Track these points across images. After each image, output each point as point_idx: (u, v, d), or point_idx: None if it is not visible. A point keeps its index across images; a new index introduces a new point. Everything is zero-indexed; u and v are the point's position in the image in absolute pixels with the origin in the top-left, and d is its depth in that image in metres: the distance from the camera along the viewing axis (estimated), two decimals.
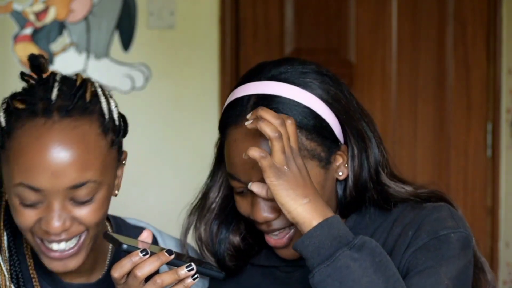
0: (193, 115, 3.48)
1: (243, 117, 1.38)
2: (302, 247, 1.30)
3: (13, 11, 3.42)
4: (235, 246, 1.54)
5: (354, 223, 1.45)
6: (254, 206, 1.40)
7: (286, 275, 1.50)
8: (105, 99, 1.39)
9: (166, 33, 3.48)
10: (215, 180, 1.53)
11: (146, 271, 1.28)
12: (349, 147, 1.44)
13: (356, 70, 3.54)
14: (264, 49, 3.52)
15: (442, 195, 1.50)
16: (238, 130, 1.40)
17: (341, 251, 1.28)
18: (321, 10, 3.53)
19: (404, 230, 1.41)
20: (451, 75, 3.55)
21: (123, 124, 1.44)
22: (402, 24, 3.53)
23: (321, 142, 1.40)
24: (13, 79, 3.45)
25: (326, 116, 1.41)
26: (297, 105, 1.40)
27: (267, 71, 1.44)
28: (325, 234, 1.29)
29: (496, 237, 3.52)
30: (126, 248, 1.29)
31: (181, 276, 1.29)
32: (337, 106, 1.43)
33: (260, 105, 1.38)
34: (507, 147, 3.52)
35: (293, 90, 1.41)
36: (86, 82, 1.39)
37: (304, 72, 1.44)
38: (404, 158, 3.54)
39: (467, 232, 1.41)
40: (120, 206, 3.71)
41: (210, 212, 1.53)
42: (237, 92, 1.45)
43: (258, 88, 1.42)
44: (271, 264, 1.51)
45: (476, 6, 3.53)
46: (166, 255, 1.29)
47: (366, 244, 1.29)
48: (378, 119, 3.82)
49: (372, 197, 1.45)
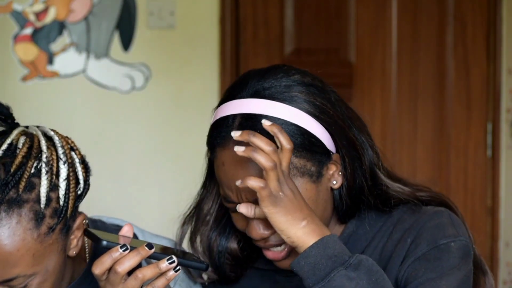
0: (193, 115, 3.48)
1: (229, 139, 1.37)
2: (298, 267, 1.30)
3: (13, 11, 3.42)
4: (234, 255, 1.53)
5: (353, 229, 1.45)
6: (250, 225, 1.39)
7: (285, 279, 1.49)
8: (47, 179, 1.31)
9: (166, 33, 3.48)
10: (208, 191, 1.52)
11: (127, 267, 1.27)
12: (341, 155, 1.42)
13: (356, 70, 3.54)
14: (264, 49, 3.52)
15: (442, 198, 1.49)
16: (226, 153, 1.38)
17: (336, 271, 1.27)
18: (321, 10, 3.53)
19: (403, 236, 1.40)
20: (451, 75, 3.55)
21: (84, 184, 1.37)
22: (402, 24, 3.53)
23: (310, 158, 1.38)
24: (13, 79, 3.46)
25: (314, 130, 1.39)
26: (283, 123, 1.37)
27: (250, 87, 1.41)
28: (321, 254, 1.29)
29: (496, 237, 3.52)
30: (105, 244, 1.28)
31: (162, 269, 1.28)
32: (325, 117, 1.40)
33: (245, 125, 1.36)
34: (507, 147, 3.52)
35: (278, 107, 1.38)
36: (24, 164, 1.30)
37: (289, 85, 1.40)
38: (404, 158, 3.54)
39: (467, 240, 1.39)
40: (120, 206, 3.74)
41: (204, 225, 1.52)
42: (221, 110, 1.42)
43: (242, 107, 1.39)
44: (271, 267, 1.50)
45: (476, 6, 3.53)
46: (146, 249, 1.28)
47: (363, 262, 1.29)
48: (378, 119, 3.85)
49: (369, 200, 1.43)
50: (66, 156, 1.35)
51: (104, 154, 3.48)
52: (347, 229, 1.44)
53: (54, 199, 1.32)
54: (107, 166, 3.48)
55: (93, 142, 3.46)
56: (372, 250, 1.43)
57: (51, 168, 1.32)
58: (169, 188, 3.48)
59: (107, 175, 3.48)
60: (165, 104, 3.50)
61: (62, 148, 1.35)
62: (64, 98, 3.47)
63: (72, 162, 1.36)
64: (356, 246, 1.43)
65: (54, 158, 1.33)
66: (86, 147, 4.08)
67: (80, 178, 1.37)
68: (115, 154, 3.49)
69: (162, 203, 3.47)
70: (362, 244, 1.43)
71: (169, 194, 3.47)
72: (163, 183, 3.51)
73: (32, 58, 3.44)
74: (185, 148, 3.48)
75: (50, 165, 1.32)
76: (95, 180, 3.99)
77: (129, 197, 3.51)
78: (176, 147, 3.50)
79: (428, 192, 1.50)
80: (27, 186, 1.29)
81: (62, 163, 1.34)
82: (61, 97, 3.47)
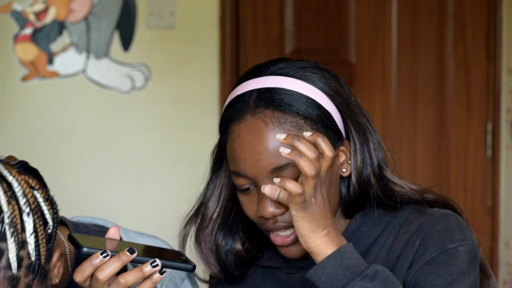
0: (193, 115, 3.48)
1: (245, 112, 1.38)
2: (315, 278, 1.30)
3: (13, 11, 3.42)
4: (239, 256, 1.52)
5: (358, 225, 1.44)
6: (261, 202, 1.38)
7: (287, 276, 1.49)
8: (14, 241, 1.24)
9: (166, 33, 3.48)
10: (213, 190, 1.51)
11: (107, 273, 1.25)
12: (351, 141, 1.42)
13: (356, 70, 3.54)
14: (264, 49, 3.52)
15: (448, 201, 1.48)
16: (242, 125, 1.39)
17: (353, 282, 1.28)
18: (321, 10, 3.53)
19: (411, 239, 1.40)
20: (451, 75, 3.55)
21: (53, 222, 1.29)
22: (402, 24, 3.53)
23: (325, 133, 1.38)
24: (13, 79, 3.46)
25: (328, 108, 1.40)
26: (300, 96, 1.38)
27: (265, 69, 1.43)
28: (338, 264, 1.29)
29: (496, 237, 3.52)
30: (86, 251, 1.26)
31: (146, 273, 1.26)
32: (338, 99, 1.41)
33: (263, 98, 1.38)
34: (507, 147, 3.52)
35: (294, 82, 1.40)
36: None
37: (303, 67, 1.43)
38: (404, 158, 3.54)
39: (474, 244, 1.39)
40: (120, 206, 3.74)
41: (212, 222, 1.51)
42: (237, 90, 1.43)
43: (258, 84, 1.41)
44: (273, 265, 1.51)
45: (476, 6, 3.53)
46: (128, 254, 1.26)
47: (379, 273, 1.29)
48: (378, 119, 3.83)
49: (376, 193, 1.43)
50: (29, 203, 1.26)
51: (104, 154, 3.48)
52: (352, 225, 1.44)
53: (25, 256, 1.25)
54: (107, 166, 3.48)
55: (93, 142, 3.47)
56: (379, 249, 1.42)
57: (15, 226, 1.24)
58: (169, 187, 3.48)
59: (107, 175, 3.48)
60: (165, 104, 3.50)
61: (23, 195, 1.26)
62: (64, 98, 3.47)
63: (37, 207, 1.28)
64: (360, 243, 1.43)
65: (16, 213, 1.25)
66: (86, 147, 4.09)
67: (48, 217, 1.29)
68: (115, 154, 3.49)
69: (162, 203, 3.47)
70: (366, 241, 1.43)
71: (169, 193, 3.47)
72: (163, 182, 3.51)
73: (32, 58, 3.44)
74: (185, 148, 3.48)
75: (14, 224, 1.24)
76: (95, 180, 4.00)
77: (129, 197, 3.51)
78: (176, 147, 3.50)
79: (434, 194, 1.50)
80: None
81: (26, 215, 1.25)
82: (61, 97, 3.47)
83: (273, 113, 1.37)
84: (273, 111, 1.37)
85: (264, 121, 1.37)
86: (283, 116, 1.37)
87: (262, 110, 1.37)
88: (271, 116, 1.37)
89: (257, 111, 1.37)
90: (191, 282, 1.56)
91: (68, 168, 3.46)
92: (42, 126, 3.44)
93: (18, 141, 3.43)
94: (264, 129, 1.36)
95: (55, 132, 3.43)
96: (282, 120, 1.37)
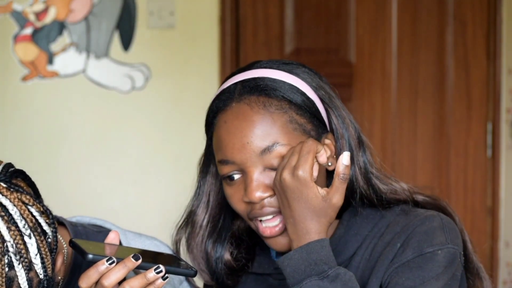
0: (193, 115, 3.48)
1: (230, 101, 1.41)
2: (283, 266, 1.33)
3: (13, 11, 3.42)
4: (228, 266, 1.54)
5: (346, 229, 1.44)
6: (248, 188, 1.39)
7: (279, 283, 1.49)
8: (22, 268, 1.25)
9: (166, 33, 3.48)
10: (202, 196, 1.53)
11: (113, 280, 1.28)
12: (335, 133, 1.43)
13: (356, 70, 3.54)
14: (264, 49, 3.52)
15: (441, 203, 1.48)
16: (228, 112, 1.41)
17: (308, 279, 1.30)
18: (321, 10, 3.54)
19: (393, 240, 1.40)
20: (451, 75, 3.55)
21: (52, 232, 1.30)
22: (402, 24, 3.53)
23: (310, 120, 1.40)
24: (13, 79, 3.46)
25: (312, 97, 1.42)
26: (285, 83, 1.41)
27: (249, 66, 1.46)
28: (302, 258, 1.31)
29: (496, 237, 3.52)
30: (91, 258, 1.28)
31: (150, 280, 1.29)
32: (322, 92, 1.44)
33: (247, 87, 1.41)
34: (507, 147, 3.52)
35: (278, 73, 1.43)
36: None
37: (288, 63, 1.46)
38: (404, 158, 3.54)
39: (455, 248, 1.38)
40: (120, 205, 3.73)
41: (202, 229, 1.53)
42: (222, 86, 1.47)
43: (243, 76, 1.44)
44: (264, 271, 1.51)
45: (476, 6, 3.53)
46: (133, 261, 1.29)
47: (340, 276, 1.31)
48: (378, 119, 3.84)
49: (361, 189, 1.43)
50: (28, 224, 1.27)
51: (104, 154, 3.48)
52: (339, 230, 1.44)
53: (34, 276, 1.27)
54: (107, 166, 3.48)
55: (93, 142, 3.47)
56: (364, 250, 1.42)
57: (20, 252, 1.25)
58: (169, 187, 3.48)
59: (107, 175, 3.48)
60: (165, 104, 3.50)
61: (21, 217, 1.27)
62: (64, 98, 3.47)
63: (35, 224, 1.29)
64: (349, 247, 1.43)
65: (19, 239, 1.26)
66: (86, 147, 4.09)
67: (46, 228, 1.30)
68: (115, 154, 3.49)
69: (162, 203, 3.47)
70: (354, 245, 1.43)
71: (169, 193, 3.47)
72: (163, 182, 3.51)
73: (32, 58, 3.44)
74: (185, 148, 3.48)
75: (19, 250, 1.25)
76: (95, 180, 4.00)
77: (129, 197, 3.51)
78: (176, 147, 3.50)
79: (425, 195, 1.49)
80: (7, 284, 1.24)
81: (27, 237, 1.27)
82: (61, 97, 3.47)
83: (258, 98, 1.39)
84: (258, 96, 1.40)
85: (249, 105, 1.39)
86: (268, 100, 1.39)
87: (248, 96, 1.40)
88: (256, 101, 1.39)
89: (242, 98, 1.40)
90: (189, 284, 1.57)
91: (68, 168, 3.46)
92: (42, 126, 3.44)
93: (18, 141, 3.43)
94: (250, 112, 1.38)
95: (55, 132, 3.43)
96: (268, 104, 1.39)
